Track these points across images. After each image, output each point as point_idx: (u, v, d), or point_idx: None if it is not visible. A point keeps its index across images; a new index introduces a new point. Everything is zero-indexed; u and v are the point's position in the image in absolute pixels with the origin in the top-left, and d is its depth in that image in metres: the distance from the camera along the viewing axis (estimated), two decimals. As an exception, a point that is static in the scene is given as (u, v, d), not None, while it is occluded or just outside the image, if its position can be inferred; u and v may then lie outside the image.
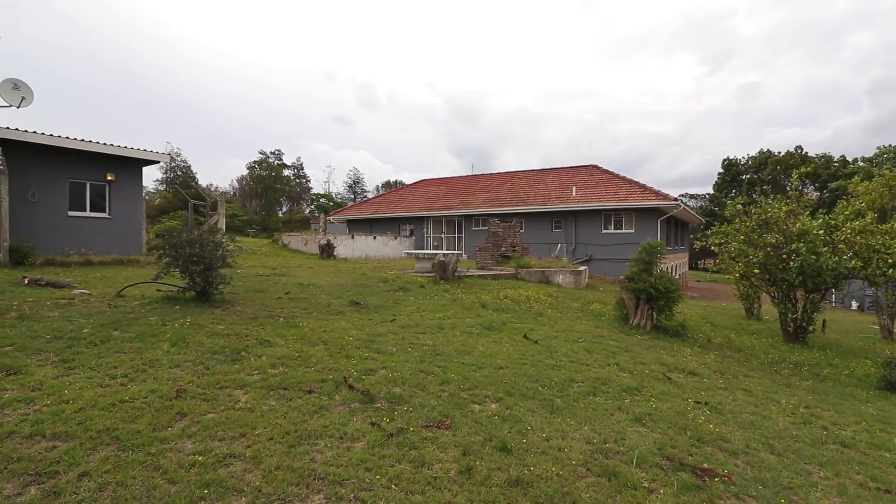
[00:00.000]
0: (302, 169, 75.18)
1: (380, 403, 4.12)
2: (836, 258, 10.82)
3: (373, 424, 3.66)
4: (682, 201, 23.69)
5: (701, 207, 62.13)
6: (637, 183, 25.07)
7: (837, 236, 11.35)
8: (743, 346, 10.96)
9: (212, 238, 7.83)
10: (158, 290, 8.37)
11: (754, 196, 37.57)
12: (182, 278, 7.73)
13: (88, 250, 13.36)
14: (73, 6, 77.60)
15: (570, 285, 16.38)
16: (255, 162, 67.98)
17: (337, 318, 7.83)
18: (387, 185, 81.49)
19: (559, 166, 31.31)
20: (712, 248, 13.93)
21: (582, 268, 18.20)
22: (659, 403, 4.98)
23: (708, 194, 66.85)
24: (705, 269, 53.02)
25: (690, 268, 42.76)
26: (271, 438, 3.31)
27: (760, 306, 17.88)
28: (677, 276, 26.31)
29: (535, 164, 31.93)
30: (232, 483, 2.74)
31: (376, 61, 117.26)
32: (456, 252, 16.26)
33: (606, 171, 27.82)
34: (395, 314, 8.60)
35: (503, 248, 18.54)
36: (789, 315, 12.12)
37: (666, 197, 22.87)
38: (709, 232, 14.62)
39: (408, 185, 39.82)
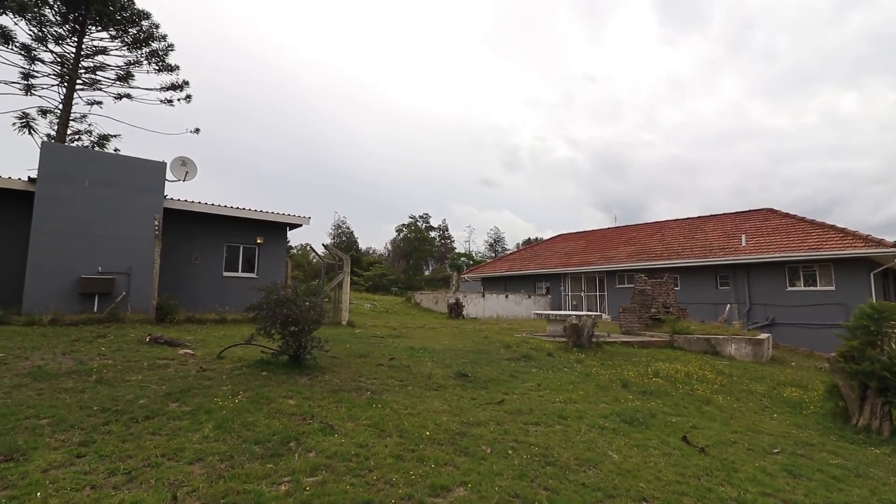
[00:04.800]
0: (447, 230, 78.36)
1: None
2: None
3: None
4: (905, 249, 18.02)
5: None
6: (832, 227, 19.92)
7: None
8: None
9: (306, 298, 7.24)
10: (263, 352, 7.99)
11: None
12: (274, 341, 7.19)
13: (232, 308, 14.25)
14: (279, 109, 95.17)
15: (747, 358, 12.83)
16: (403, 225, 72.78)
17: (433, 394, 6.48)
18: (527, 242, 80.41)
19: (721, 213, 26.86)
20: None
21: (762, 335, 14.32)
22: None
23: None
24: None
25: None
26: None
27: None
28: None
29: (694, 215, 28.14)
30: None
31: (518, 124, 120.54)
32: (595, 313, 14.03)
33: (787, 215, 22.86)
34: (506, 392, 6.96)
35: (653, 310, 15.62)
36: None
37: (880, 243, 17.53)
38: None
39: (545, 241, 38.06)
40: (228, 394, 5.41)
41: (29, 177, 11.90)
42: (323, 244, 16.90)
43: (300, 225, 18.25)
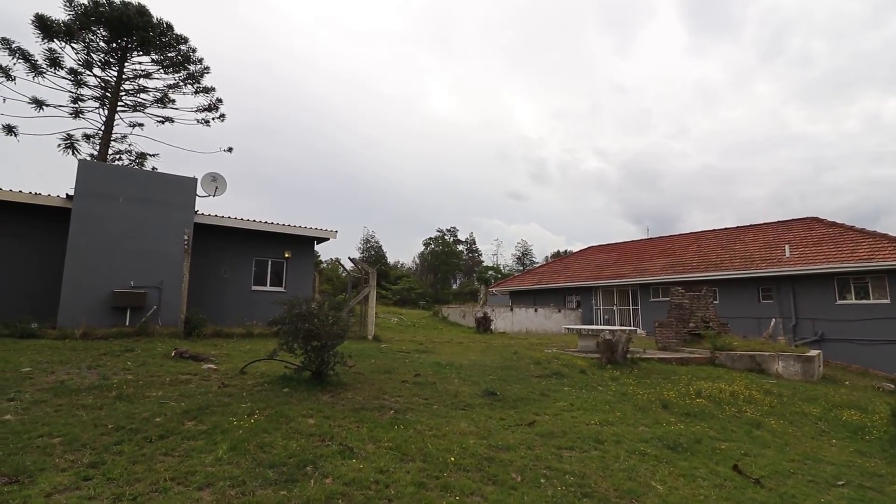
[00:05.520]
0: (474, 243, 78.04)
1: None
2: None
3: None
4: (970, 259, 16.69)
5: None
6: (885, 235, 18.69)
7: None
8: None
9: (329, 312, 7.05)
10: (286, 367, 7.83)
11: None
12: (297, 356, 7.01)
13: (259, 322, 14.28)
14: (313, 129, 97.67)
15: (797, 376, 11.97)
16: (430, 239, 72.87)
17: (460, 414, 6.15)
18: (556, 255, 79.32)
19: (762, 222, 25.67)
20: None
21: (812, 352, 13.39)
22: None
23: None
24: None
25: None
26: None
27: None
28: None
29: (731, 225, 26.96)
30: None
31: (546, 136, 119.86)
32: (629, 328, 13.40)
33: (833, 224, 21.62)
34: (537, 412, 6.56)
35: (691, 324, 14.87)
36: None
37: (941, 253, 16.34)
38: None
39: (574, 253, 37.27)
40: (247, 412, 5.22)
41: (67, 194, 12.26)
42: (349, 258, 16.87)
43: (327, 238, 18.30)
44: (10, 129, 20.03)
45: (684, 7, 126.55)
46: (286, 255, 17.03)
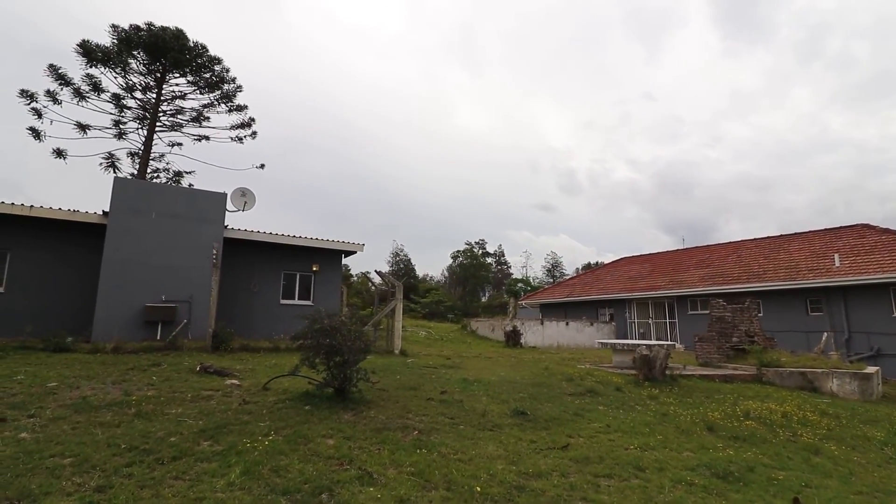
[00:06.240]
0: (503, 256, 77.37)
1: None
2: None
3: None
4: None
5: None
6: (947, 244, 17.38)
7: None
8: None
9: (350, 326, 6.85)
10: (309, 383, 7.66)
11: None
12: (318, 372, 6.82)
13: (286, 336, 14.26)
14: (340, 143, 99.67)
15: (853, 396, 11.06)
16: (458, 251, 72.65)
17: (488, 435, 5.80)
18: (587, 266, 77.84)
19: (808, 230, 24.34)
20: None
21: (870, 369, 12.38)
22: None
23: None
24: None
25: None
26: None
27: None
28: None
29: (772, 233, 25.65)
30: None
31: (574, 147, 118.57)
32: (666, 342, 12.72)
33: (886, 230, 20.26)
34: (571, 434, 6.14)
35: (734, 339, 14.05)
36: None
37: None
38: None
39: (606, 265, 36.30)
40: (265, 431, 5.02)
41: (104, 211, 12.60)
42: (376, 271, 16.76)
43: (354, 252, 18.27)
44: (59, 153, 20.98)
45: (715, 12, 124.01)
46: (314, 269, 17.07)
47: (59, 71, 20.37)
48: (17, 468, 3.64)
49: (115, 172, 23.22)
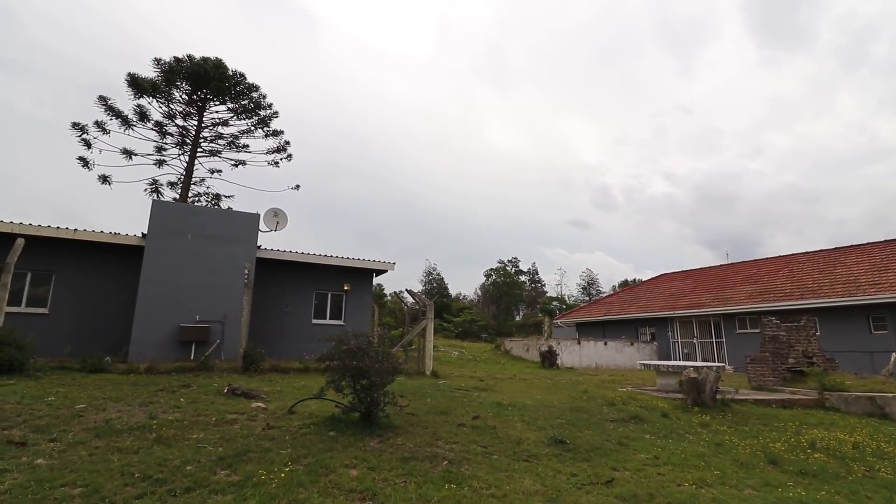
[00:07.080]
0: (536, 273, 76.16)
1: None
2: None
3: None
4: None
5: None
6: None
7: None
8: None
9: (377, 347, 6.57)
10: (336, 406, 7.40)
11: None
12: (345, 396, 6.54)
13: (317, 356, 14.11)
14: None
15: (935, 424, 9.90)
16: (491, 269, 71.96)
17: (523, 467, 5.34)
18: (624, 284, 75.61)
19: (865, 242, 22.71)
20: None
21: (951, 394, 11.13)
22: None
23: None
24: None
25: None
26: None
27: None
28: None
29: (824, 247, 24.01)
30: None
31: (608, 162, 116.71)
32: (715, 364, 11.87)
33: (958, 242, 18.67)
34: (615, 467, 5.60)
35: (790, 360, 13.01)
36: None
37: None
38: None
39: (645, 282, 35.00)
40: (286, 459, 4.75)
41: (142, 233, 12.93)
42: (407, 290, 16.56)
43: (386, 271, 18.13)
44: (104, 179, 22.01)
45: (750, 22, 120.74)
46: (345, 288, 17.02)
47: (109, 102, 21.48)
48: (27, 499, 3.48)
49: (158, 197, 24.15)
